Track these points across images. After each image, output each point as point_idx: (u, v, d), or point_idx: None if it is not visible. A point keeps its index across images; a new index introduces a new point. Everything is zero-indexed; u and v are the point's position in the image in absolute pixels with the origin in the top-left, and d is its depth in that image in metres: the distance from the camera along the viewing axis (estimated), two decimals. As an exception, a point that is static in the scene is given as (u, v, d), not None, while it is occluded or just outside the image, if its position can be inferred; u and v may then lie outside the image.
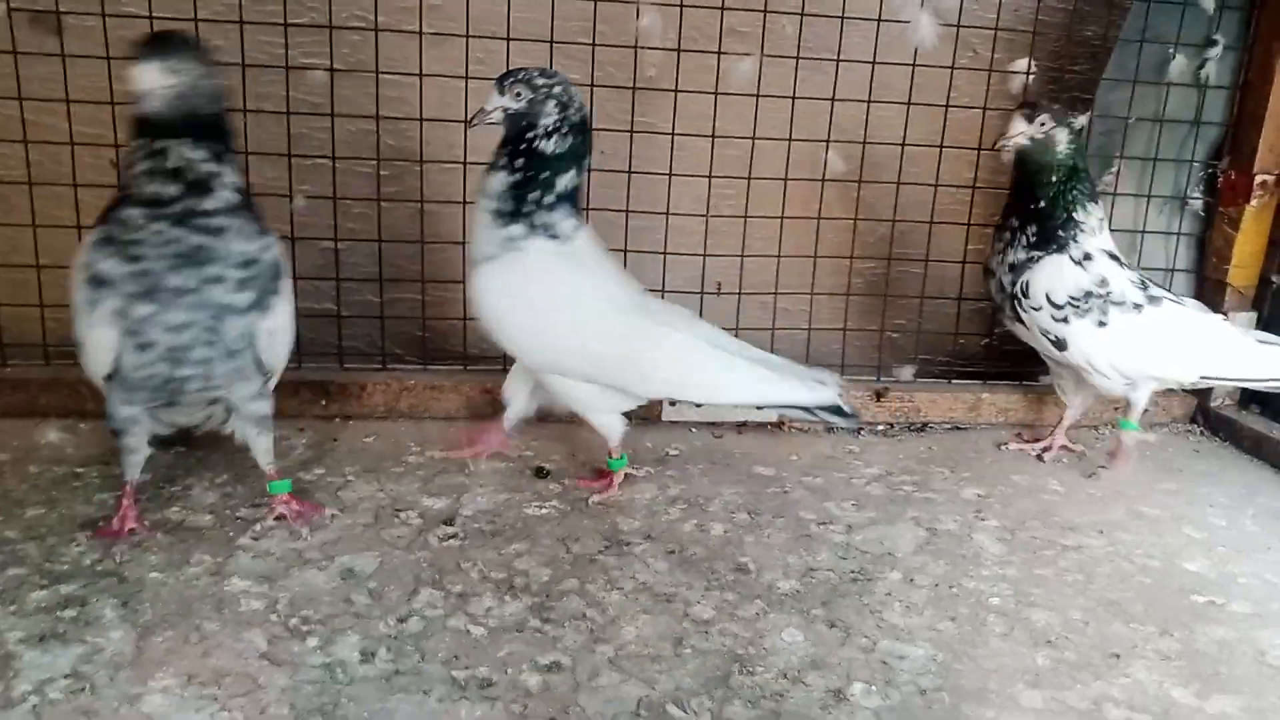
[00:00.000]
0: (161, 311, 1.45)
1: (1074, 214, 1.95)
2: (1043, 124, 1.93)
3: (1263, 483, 2.10)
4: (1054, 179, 1.95)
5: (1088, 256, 1.95)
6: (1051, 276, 1.94)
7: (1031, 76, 2.23)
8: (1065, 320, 1.93)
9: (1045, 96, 2.31)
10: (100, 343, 1.47)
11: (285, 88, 2.10)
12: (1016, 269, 1.97)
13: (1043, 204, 1.96)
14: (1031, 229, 1.96)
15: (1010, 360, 2.30)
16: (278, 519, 1.69)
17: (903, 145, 2.27)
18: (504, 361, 2.24)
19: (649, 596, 1.54)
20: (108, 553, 1.57)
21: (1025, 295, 1.95)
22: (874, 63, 2.21)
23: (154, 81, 1.46)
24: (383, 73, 2.12)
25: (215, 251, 1.47)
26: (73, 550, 1.58)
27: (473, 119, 1.71)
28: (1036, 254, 1.96)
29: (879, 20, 2.18)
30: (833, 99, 2.22)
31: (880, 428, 2.27)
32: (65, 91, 2.03)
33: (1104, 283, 1.94)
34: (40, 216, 2.10)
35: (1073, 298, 1.93)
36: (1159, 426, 2.35)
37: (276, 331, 1.58)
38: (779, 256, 2.30)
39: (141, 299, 1.44)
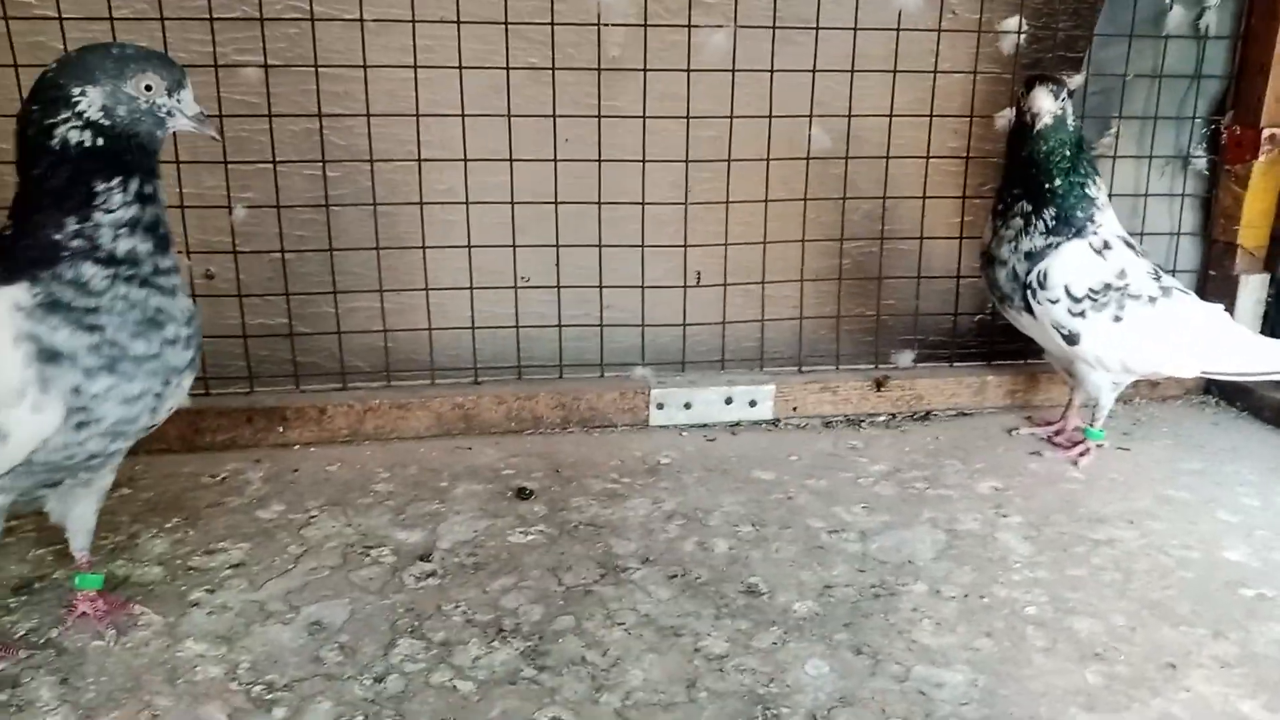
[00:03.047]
0: (120, 384, 1.21)
1: (1087, 190, 1.82)
2: (1063, 100, 1.79)
3: (1290, 456, 1.98)
4: (1068, 154, 1.81)
5: (1107, 245, 1.82)
6: (1072, 266, 1.80)
7: (1023, 36, 2.08)
8: (1082, 314, 1.79)
9: (1030, 57, 2.17)
10: (38, 429, 1.18)
11: (216, 88, 1.91)
12: (1034, 256, 1.82)
13: (1057, 182, 1.81)
14: (1049, 212, 1.81)
15: (1009, 336, 2.16)
16: (79, 618, 1.40)
17: (890, 116, 2.12)
18: (475, 374, 2.09)
19: (654, 631, 1.39)
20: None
21: (1042, 286, 1.81)
22: (855, 29, 2.06)
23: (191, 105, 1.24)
24: (322, 66, 1.94)
25: (171, 311, 1.25)
26: (4, 620, 1.40)
27: None
28: (1055, 240, 1.81)
29: (859, -18, 2.03)
30: (814, 70, 2.06)
31: (882, 419, 2.13)
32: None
33: (1122, 274, 1.81)
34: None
35: (1092, 290, 1.79)
36: (1171, 400, 2.23)
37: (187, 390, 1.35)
38: (764, 243, 2.15)
39: (100, 373, 1.19)
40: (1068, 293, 1.79)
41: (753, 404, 2.08)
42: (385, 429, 1.98)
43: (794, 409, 2.10)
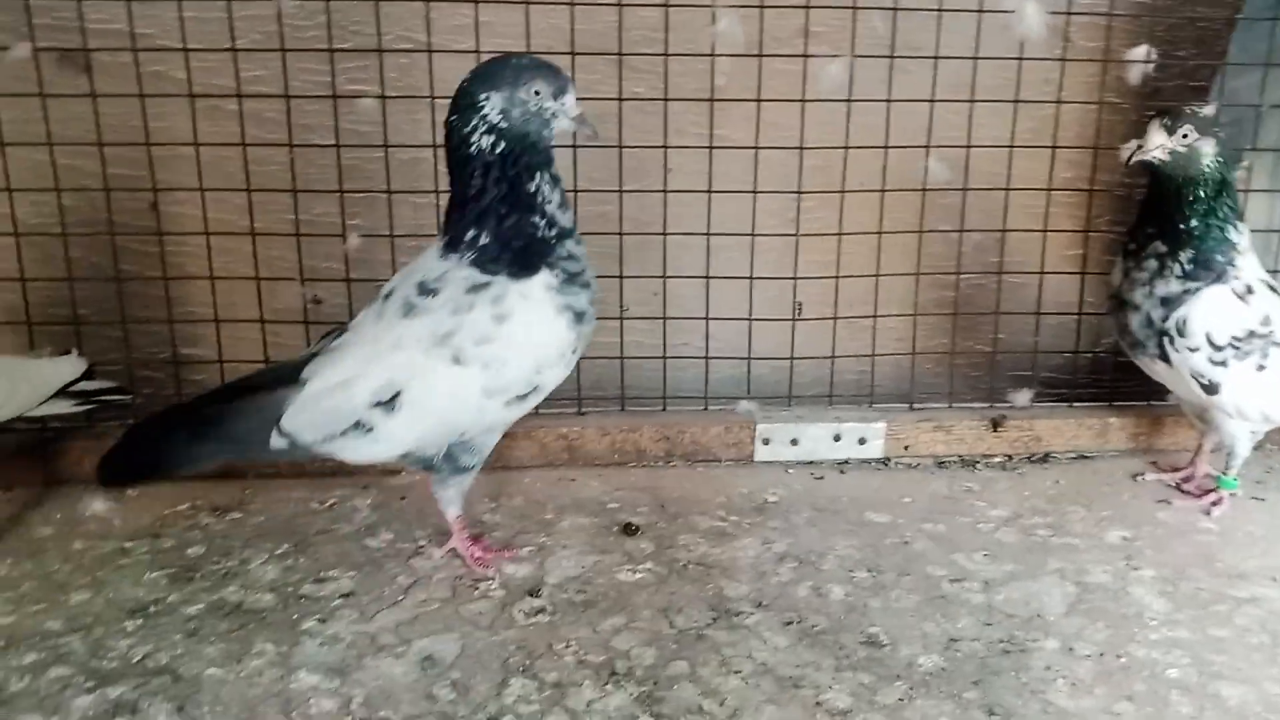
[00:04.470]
0: (593, 323, 1.51)
1: (1227, 234, 1.72)
2: (1185, 136, 1.69)
3: None
4: (1204, 195, 1.70)
5: (1250, 290, 1.71)
6: (1214, 313, 1.69)
7: (1152, 65, 1.99)
8: (1224, 363, 1.69)
9: (1150, 86, 2.07)
10: (559, 378, 1.52)
11: (333, 118, 1.94)
12: (1170, 302, 1.72)
13: (1194, 223, 1.71)
14: (1185, 255, 1.71)
15: (1131, 375, 2.06)
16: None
17: (1010, 148, 2.06)
18: (579, 404, 2.07)
19: (772, 681, 1.34)
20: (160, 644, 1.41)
21: (1181, 333, 1.71)
22: (976, 58, 2.00)
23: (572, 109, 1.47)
24: (436, 97, 1.94)
25: None
26: (121, 644, 1.42)
27: None
28: (1193, 285, 1.71)
29: (980, 11, 1.97)
30: (932, 100, 2.01)
31: (998, 460, 2.05)
32: (97, 133, 1.88)
33: (1267, 321, 1.70)
34: (77, 267, 1.96)
35: (1235, 338, 1.69)
36: (1303, 445, 2.11)
37: None
38: (878, 275, 2.09)
39: (592, 319, 1.51)
40: (1209, 341, 1.69)
41: (862, 442, 2.02)
42: (491, 458, 1.96)
43: (905, 448, 2.04)
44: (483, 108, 1.40)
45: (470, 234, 1.45)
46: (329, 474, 1.90)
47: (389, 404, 1.42)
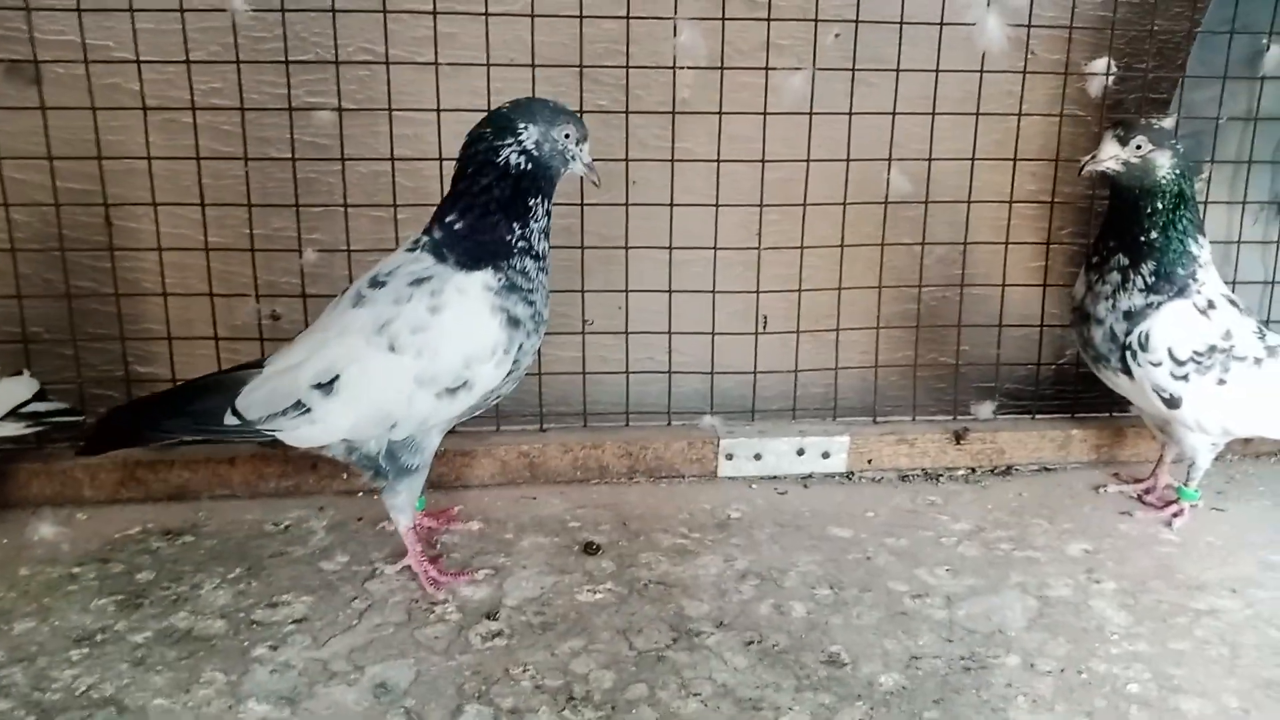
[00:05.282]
0: (535, 340, 1.59)
1: (1188, 247, 1.72)
2: (1138, 147, 1.69)
3: (1399, 518, 1.86)
4: (1161, 207, 1.70)
5: (1211, 305, 1.72)
6: (1175, 328, 1.70)
7: (1111, 78, 2.01)
8: (1185, 378, 1.70)
9: (1111, 99, 2.09)
10: (492, 380, 1.54)
11: (289, 130, 1.91)
12: (1133, 316, 1.72)
13: (1153, 235, 1.71)
14: (1147, 267, 1.71)
15: (1093, 387, 2.07)
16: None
17: (972, 160, 2.06)
18: (541, 420, 2.05)
19: (732, 704, 1.32)
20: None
21: (1143, 348, 1.71)
22: (937, 71, 2.00)
23: (586, 156, 1.60)
24: (395, 110, 1.92)
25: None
26: (65, 674, 1.38)
27: None
28: (1156, 299, 1.71)
29: (941, 24, 1.97)
30: (894, 113, 2.01)
31: (961, 473, 2.05)
32: (47, 147, 1.84)
33: (1228, 335, 1.71)
34: (28, 283, 1.92)
35: (1196, 353, 1.69)
36: (1265, 456, 2.12)
37: None
38: (840, 289, 2.09)
39: (532, 334, 1.56)
40: (1171, 355, 1.69)
41: (825, 456, 2.01)
42: (450, 476, 1.94)
43: (869, 461, 2.03)
44: (521, 135, 1.51)
45: (450, 216, 1.53)
46: (284, 494, 1.88)
47: (327, 386, 1.50)
